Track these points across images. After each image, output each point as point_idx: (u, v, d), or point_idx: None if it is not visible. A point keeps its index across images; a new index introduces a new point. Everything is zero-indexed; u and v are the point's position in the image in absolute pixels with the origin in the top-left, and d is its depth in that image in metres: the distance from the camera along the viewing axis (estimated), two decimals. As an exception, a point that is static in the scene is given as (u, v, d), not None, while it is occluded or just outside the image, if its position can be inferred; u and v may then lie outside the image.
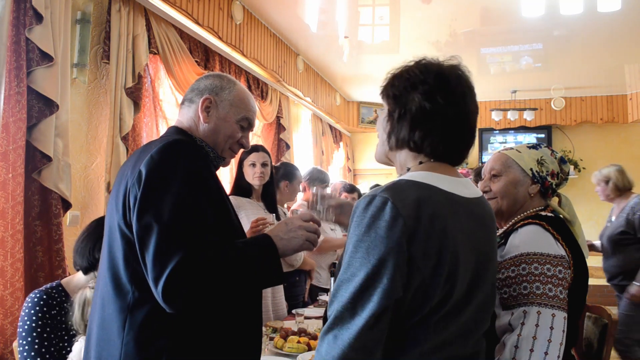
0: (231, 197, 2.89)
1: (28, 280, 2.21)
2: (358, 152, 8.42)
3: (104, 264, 1.21)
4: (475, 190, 1.10)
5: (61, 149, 2.33)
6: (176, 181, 1.11)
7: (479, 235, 1.03)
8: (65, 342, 1.73)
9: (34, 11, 2.19)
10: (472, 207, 1.04)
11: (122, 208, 1.15)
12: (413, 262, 0.91)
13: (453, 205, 0.99)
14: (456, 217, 0.98)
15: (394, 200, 0.92)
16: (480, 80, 6.51)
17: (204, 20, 3.51)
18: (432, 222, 0.93)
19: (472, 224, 1.02)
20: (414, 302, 0.93)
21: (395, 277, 0.89)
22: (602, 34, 4.79)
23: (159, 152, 1.14)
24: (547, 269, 1.29)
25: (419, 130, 1.04)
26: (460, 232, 0.97)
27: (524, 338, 1.23)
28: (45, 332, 1.69)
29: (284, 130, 5.11)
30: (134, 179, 1.13)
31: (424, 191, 0.97)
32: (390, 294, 0.89)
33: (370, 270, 0.90)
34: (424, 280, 0.92)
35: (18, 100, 2.15)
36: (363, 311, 0.89)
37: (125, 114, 2.77)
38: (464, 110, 1.06)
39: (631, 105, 7.02)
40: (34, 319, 1.69)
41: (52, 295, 1.76)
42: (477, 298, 1.01)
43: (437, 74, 1.05)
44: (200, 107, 1.34)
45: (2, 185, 2.11)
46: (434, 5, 4.17)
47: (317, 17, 4.53)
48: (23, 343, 1.67)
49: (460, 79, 1.09)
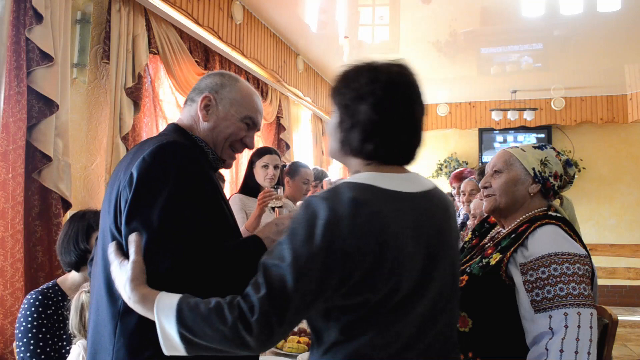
0: (237, 196, 2.92)
1: (28, 280, 2.21)
2: (358, 152, 8.41)
3: (99, 265, 1.20)
4: (423, 184, 1.11)
5: (61, 149, 2.33)
6: (167, 185, 1.10)
7: (427, 228, 1.05)
8: (63, 341, 1.73)
9: (34, 11, 2.18)
10: (418, 202, 1.06)
11: (113, 211, 1.14)
12: (350, 258, 0.94)
13: (395, 202, 1.02)
14: (399, 213, 1.01)
15: (329, 203, 0.96)
16: (480, 80, 6.53)
17: (204, 20, 3.51)
18: (369, 220, 0.96)
19: (419, 217, 1.04)
20: (358, 296, 0.96)
21: (321, 275, 0.93)
22: (602, 34, 4.78)
23: (151, 154, 1.13)
24: (577, 268, 1.30)
25: (369, 142, 1.06)
26: (404, 227, 1.00)
27: (567, 341, 1.23)
28: (41, 332, 1.69)
29: (284, 130, 5.11)
30: (125, 182, 1.12)
31: (361, 191, 1.00)
32: (309, 290, 0.92)
33: (299, 265, 0.92)
34: (364, 275, 0.95)
35: (18, 100, 2.15)
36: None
37: (125, 114, 2.77)
38: (413, 117, 1.08)
39: (631, 105, 7.02)
40: (29, 320, 1.69)
41: (48, 295, 1.76)
42: (433, 289, 1.03)
43: (386, 83, 1.06)
44: (200, 105, 1.32)
45: (2, 185, 2.11)
46: (434, 5, 4.16)
47: (317, 17, 4.52)
48: (20, 344, 1.68)
49: (409, 87, 1.09)
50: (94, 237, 1.82)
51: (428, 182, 1.14)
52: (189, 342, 0.95)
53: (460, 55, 5.48)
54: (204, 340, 0.94)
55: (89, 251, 1.80)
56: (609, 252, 7.19)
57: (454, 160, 7.89)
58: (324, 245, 0.93)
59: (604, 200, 7.46)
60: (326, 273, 0.93)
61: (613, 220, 7.44)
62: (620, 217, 7.40)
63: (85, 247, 1.80)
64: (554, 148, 1.59)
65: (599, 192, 7.47)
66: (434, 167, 7.99)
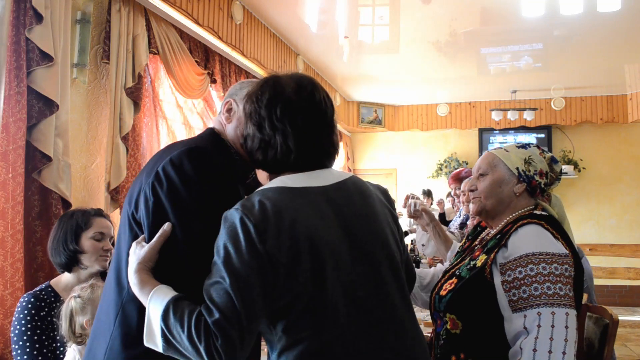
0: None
1: (28, 280, 2.21)
2: (358, 152, 8.42)
3: (114, 254, 1.24)
4: (336, 177, 1.14)
5: (61, 149, 2.33)
6: (187, 192, 1.11)
7: (345, 216, 1.08)
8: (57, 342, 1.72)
9: (34, 11, 2.18)
10: (329, 193, 1.09)
11: (134, 203, 1.16)
12: (274, 258, 0.97)
13: (303, 197, 1.05)
14: (309, 207, 1.04)
15: (242, 211, 1.00)
16: (480, 80, 6.52)
17: (204, 20, 3.51)
18: (278, 217, 1.00)
19: (332, 208, 1.07)
20: (288, 294, 0.99)
21: (260, 279, 0.96)
22: (602, 34, 4.78)
23: (178, 157, 1.14)
24: (554, 267, 1.29)
25: (277, 165, 1.12)
26: (316, 219, 1.03)
27: (541, 340, 1.23)
28: (36, 334, 1.68)
29: (284, 130, 5.10)
30: (150, 180, 1.13)
31: (267, 193, 1.05)
32: (255, 297, 0.96)
33: (237, 278, 0.96)
34: (289, 271, 0.98)
35: (18, 100, 2.15)
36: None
37: (125, 114, 2.77)
38: (321, 133, 1.13)
39: (631, 105, 7.02)
40: (23, 323, 1.68)
41: (41, 297, 1.75)
42: (368, 275, 1.06)
43: (284, 106, 1.10)
44: (224, 109, 1.36)
45: (2, 185, 2.11)
46: (434, 5, 4.16)
47: (317, 17, 4.52)
48: (15, 347, 1.67)
49: (313, 103, 1.13)
50: (83, 238, 1.81)
51: (342, 174, 1.17)
52: (167, 342, 0.97)
53: (460, 55, 5.48)
54: (180, 346, 0.97)
55: (78, 252, 1.79)
56: (609, 252, 7.19)
57: (454, 160, 7.89)
58: (251, 252, 0.97)
59: (604, 200, 7.46)
60: (262, 276, 0.96)
61: (613, 220, 7.44)
62: (620, 217, 7.40)
63: (75, 248, 1.78)
64: (538, 146, 1.58)
65: (599, 192, 7.47)
66: (434, 167, 7.99)
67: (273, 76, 1.17)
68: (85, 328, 1.58)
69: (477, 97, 7.48)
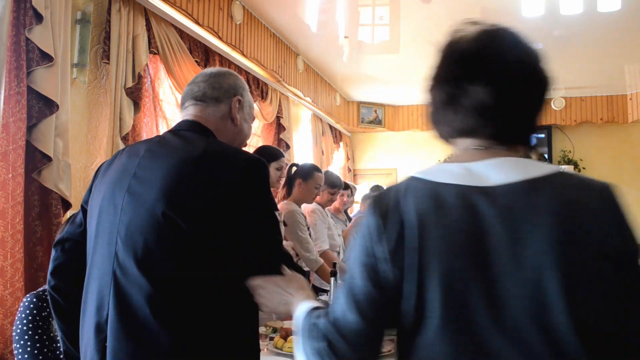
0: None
1: (28, 280, 2.22)
2: (358, 152, 8.42)
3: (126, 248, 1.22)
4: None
5: (61, 149, 2.33)
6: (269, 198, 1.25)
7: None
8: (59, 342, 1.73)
9: (34, 11, 2.19)
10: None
11: (173, 196, 1.14)
12: None
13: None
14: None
15: None
16: (480, 80, 6.52)
17: (204, 20, 3.51)
18: None
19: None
20: None
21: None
22: (602, 34, 4.78)
23: (254, 166, 1.21)
24: None
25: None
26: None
27: None
28: (37, 334, 1.69)
29: (284, 130, 5.11)
30: (234, 181, 1.16)
31: None
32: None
33: None
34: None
35: (18, 100, 2.15)
36: None
37: (125, 114, 2.77)
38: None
39: (631, 105, 7.02)
40: (24, 322, 1.69)
41: (43, 297, 1.75)
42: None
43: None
44: (234, 109, 1.40)
45: (2, 185, 2.11)
46: (434, 5, 4.16)
47: (317, 17, 4.52)
48: (17, 347, 1.68)
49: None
50: None
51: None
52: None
53: (460, 55, 5.47)
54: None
55: None
56: (609, 252, 7.17)
57: (454, 160, 7.89)
58: None
59: (604, 200, 7.45)
60: None
61: (613, 220, 7.43)
62: (620, 217, 7.39)
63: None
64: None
65: (599, 192, 7.47)
66: (434, 167, 7.98)
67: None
68: None
69: (477, 97, 7.47)
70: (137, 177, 1.20)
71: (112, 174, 1.27)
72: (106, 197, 1.23)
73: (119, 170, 1.25)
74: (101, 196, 1.25)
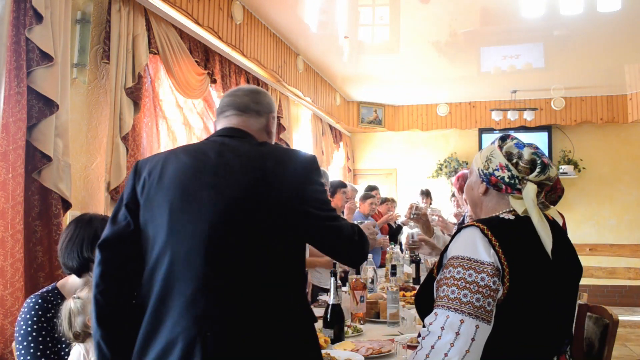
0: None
1: (28, 280, 2.21)
2: (358, 152, 8.42)
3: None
4: None
5: (61, 149, 2.33)
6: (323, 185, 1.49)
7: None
8: (62, 344, 1.72)
9: (34, 11, 2.18)
10: None
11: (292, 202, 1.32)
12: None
13: None
14: None
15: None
16: (480, 80, 6.52)
17: (204, 20, 3.51)
18: None
19: None
20: None
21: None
22: (602, 34, 4.79)
23: (316, 167, 1.47)
24: (468, 274, 1.26)
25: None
26: None
27: (428, 339, 1.23)
28: (41, 335, 1.68)
29: (284, 130, 5.11)
30: (302, 176, 1.37)
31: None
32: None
33: None
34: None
35: (18, 100, 2.15)
36: None
37: (125, 114, 2.77)
38: None
39: (631, 105, 7.02)
40: (29, 324, 1.68)
41: (48, 299, 1.75)
42: None
43: None
44: (270, 124, 1.57)
45: (2, 185, 2.11)
46: (434, 5, 4.17)
47: (317, 17, 4.53)
48: (19, 347, 1.67)
49: None
50: None
51: None
52: None
53: (460, 55, 5.48)
54: None
55: (92, 260, 1.76)
56: (609, 252, 7.19)
57: (454, 160, 7.89)
58: None
59: (604, 200, 7.46)
60: None
61: (613, 220, 7.44)
62: (620, 217, 7.40)
63: (89, 257, 1.75)
64: (504, 137, 1.47)
65: (599, 192, 7.48)
66: (434, 167, 7.99)
67: None
68: (88, 326, 1.59)
69: (477, 97, 7.48)
70: (217, 175, 1.30)
71: (177, 174, 1.31)
72: (178, 196, 1.28)
73: (186, 171, 1.31)
74: (168, 195, 1.29)
